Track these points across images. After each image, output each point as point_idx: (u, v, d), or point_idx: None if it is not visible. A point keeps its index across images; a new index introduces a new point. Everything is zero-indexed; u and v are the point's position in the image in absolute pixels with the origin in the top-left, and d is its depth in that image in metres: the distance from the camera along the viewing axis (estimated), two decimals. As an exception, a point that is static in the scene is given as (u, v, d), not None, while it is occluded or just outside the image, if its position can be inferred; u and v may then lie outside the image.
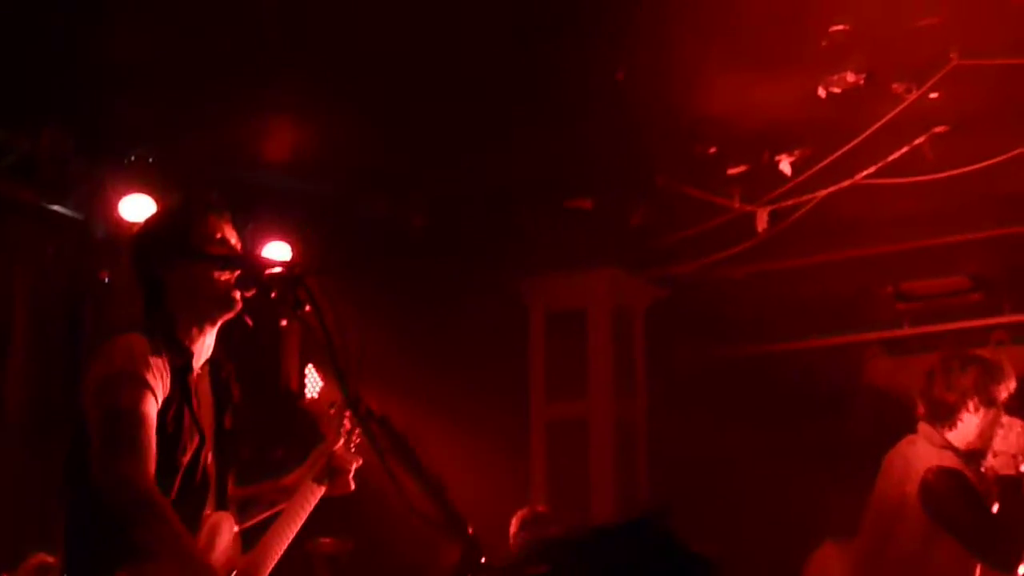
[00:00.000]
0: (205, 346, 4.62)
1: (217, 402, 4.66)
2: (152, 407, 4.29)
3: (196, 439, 4.49)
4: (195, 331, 4.56)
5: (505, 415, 11.06)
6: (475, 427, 10.40)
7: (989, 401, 6.51)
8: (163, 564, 4.17)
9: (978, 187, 9.12)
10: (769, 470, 11.34)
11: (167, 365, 4.40)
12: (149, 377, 4.31)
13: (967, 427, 6.53)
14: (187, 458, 4.45)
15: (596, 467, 10.93)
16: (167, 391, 4.36)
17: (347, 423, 5.14)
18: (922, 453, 6.52)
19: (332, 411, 5.26)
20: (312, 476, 5.12)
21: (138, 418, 4.25)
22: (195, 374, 4.53)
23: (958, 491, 6.41)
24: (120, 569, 4.19)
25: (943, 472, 6.42)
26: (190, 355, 4.53)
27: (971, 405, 6.52)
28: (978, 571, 6.45)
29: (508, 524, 8.58)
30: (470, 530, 3.65)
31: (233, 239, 4.68)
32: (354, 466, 5.18)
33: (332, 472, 5.19)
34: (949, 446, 6.51)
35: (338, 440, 5.26)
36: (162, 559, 4.17)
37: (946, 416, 6.54)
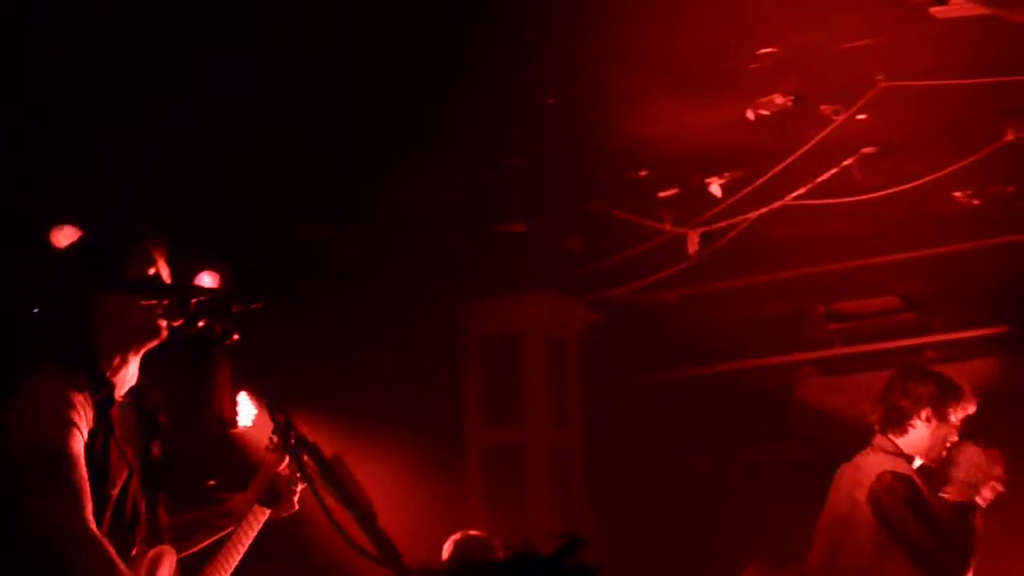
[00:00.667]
0: (128, 375, 4.56)
1: (143, 431, 4.60)
2: (79, 444, 4.22)
3: (124, 471, 4.43)
4: (118, 361, 4.50)
5: (440, 440, 11.03)
6: (410, 452, 10.37)
7: (941, 415, 6.61)
8: None
9: (907, 207, 9.19)
10: (705, 492, 11.37)
11: (89, 399, 4.33)
12: (72, 414, 4.24)
13: (918, 435, 6.63)
14: (116, 491, 4.40)
15: (531, 492, 10.92)
16: (91, 425, 4.29)
17: (292, 444, 5.14)
18: (874, 460, 6.60)
19: (279, 431, 5.25)
20: (257, 499, 5.10)
21: (69, 458, 4.17)
22: (117, 405, 4.47)
23: (907, 495, 6.48)
24: None
25: (893, 476, 6.49)
26: (112, 387, 4.47)
27: (923, 414, 6.62)
28: None
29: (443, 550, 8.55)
30: (403, 558, 3.63)
31: (165, 272, 4.65)
32: (299, 487, 5.17)
33: (277, 494, 5.18)
34: (901, 453, 6.59)
35: (282, 462, 5.25)
36: None
37: (897, 422, 6.63)
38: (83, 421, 4.27)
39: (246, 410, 9.50)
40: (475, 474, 11.16)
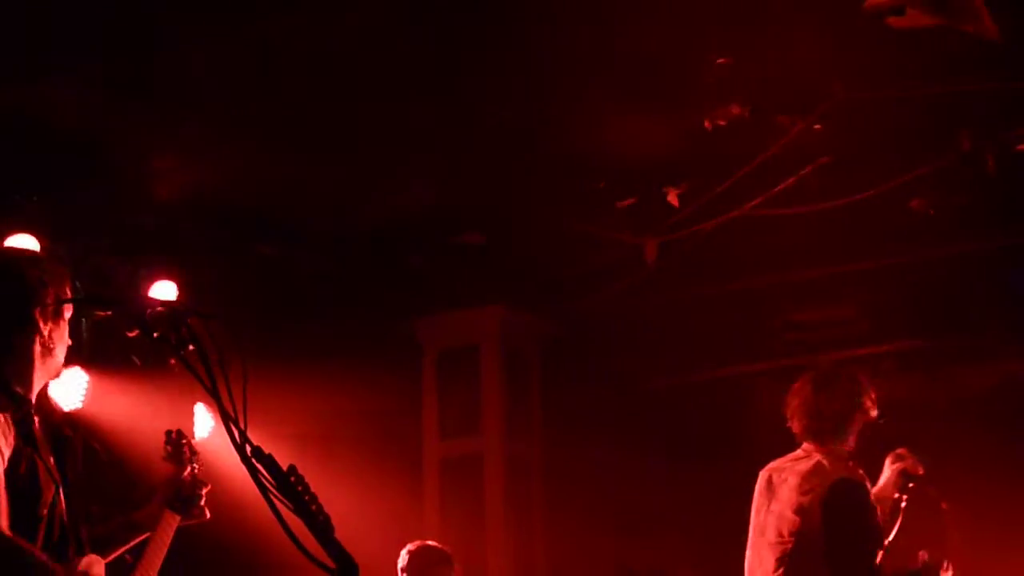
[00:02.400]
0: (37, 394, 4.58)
1: (56, 446, 4.61)
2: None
3: (52, 487, 4.43)
4: (36, 383, 4.52)
5: (398, 452, 11.02)
6: (368, 465, 10.34)
7: (864, 411, 6.68)
8: None
9: (864, 217, 9.22)
10: (665, 504, 11.37)
11: (9, 420, 4.32)
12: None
13: (851, 437, 6.68)
14: (46, 510, 4.39)
15: (490, 504, 10.90)
16: (12, 445, 4.28)
17: (187, 451, 5.20)
18: (820, 466, 6.60)
19: (173, 440, 5.32)
20: (166, 506, 5.12)
21: None
22: (37, 421, 4.48)
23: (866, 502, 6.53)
24: None
25: (851, 481, 6.54)
26: (30, 406, 4.47)
27: (856, 416, 6.68)
28: None
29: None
30: (360, 572, 3.60)
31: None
32: (204, 491, 5.20)
33: (184, 501, 5.21)
34: (851, 457, 6.65)
35: (184, 468, 5.29)
36: None
37: (835, 427, 6.66)
38: (4, 442, 4.26)
39: (202, 422, 9.50)
40: (433, 486, 11.13)
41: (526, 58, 7.53)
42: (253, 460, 3.68)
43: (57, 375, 4.67)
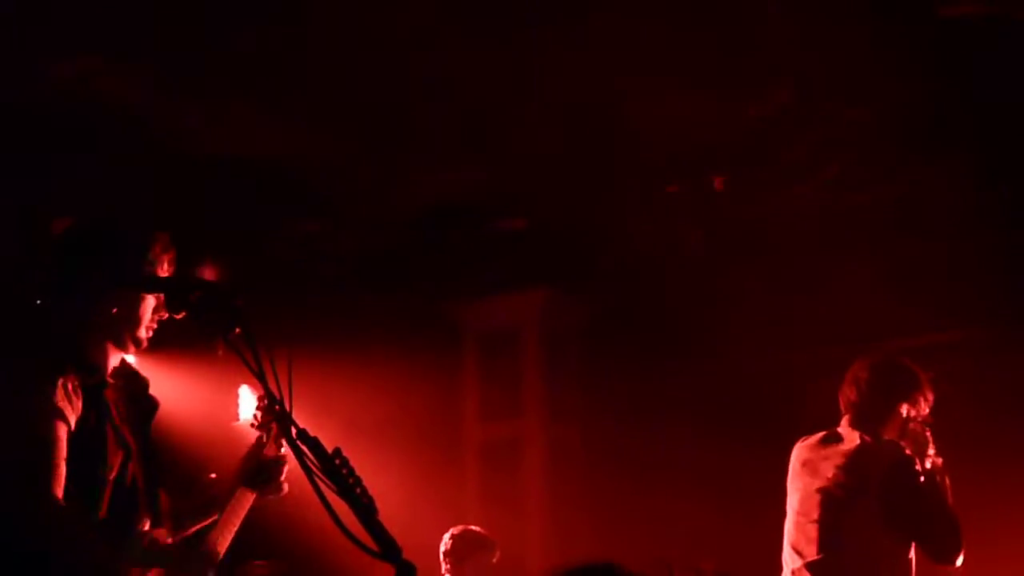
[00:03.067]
0: (113, 360, 4.60)
1: (138, 414, 4.62)
2: (62, 429, 4.23)
3: (120, 454, 4.45)
4: (111, 352, 4.53)
5: (439, 436, 11.04)
6: (410, 448, 10.37)
7: (914, 404, 6.68)
8: None
9: (910, 204, 9.19)
10: (706, 490, 11.35)
11: (78, 387, 4.34)
12: (58, 401, 4.25)
13: (894, 425, 6.67)
14: (113, 474, 4.41)
15: (529, 487, 10.92)
16: (80, 411, 4.30)
17: (275, 427, 5.13)
18: (877, 447, 6.60)
19: (264, 407, 5.25)
20: (244, 482, 5.09)
21: (48, 443, 4.19)
22: (111, 388, 4.49)
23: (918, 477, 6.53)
24: None
25: (907, 460, 6.54)
26: (103, 373, 4.49)
27: (903, 408, 6.68)
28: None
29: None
30: (403, 554, 3.62)
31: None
32: (285, 469, 5.16)
33: (263, 477, 5.16)
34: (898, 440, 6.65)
35: (267, 444, 5.24)
36: None
37: (877, 413, 6.67)
38: (69, 407, 4.28)
39: (247, 404, 9.53)
40: (474, 469, 11.16)
41: (573, 44, 7.52)
42: (298, 442, 3.71)
43: (137, 348, 4.66)
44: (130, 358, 4.67)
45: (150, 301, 4.56)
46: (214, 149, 8.73)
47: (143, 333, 4.58)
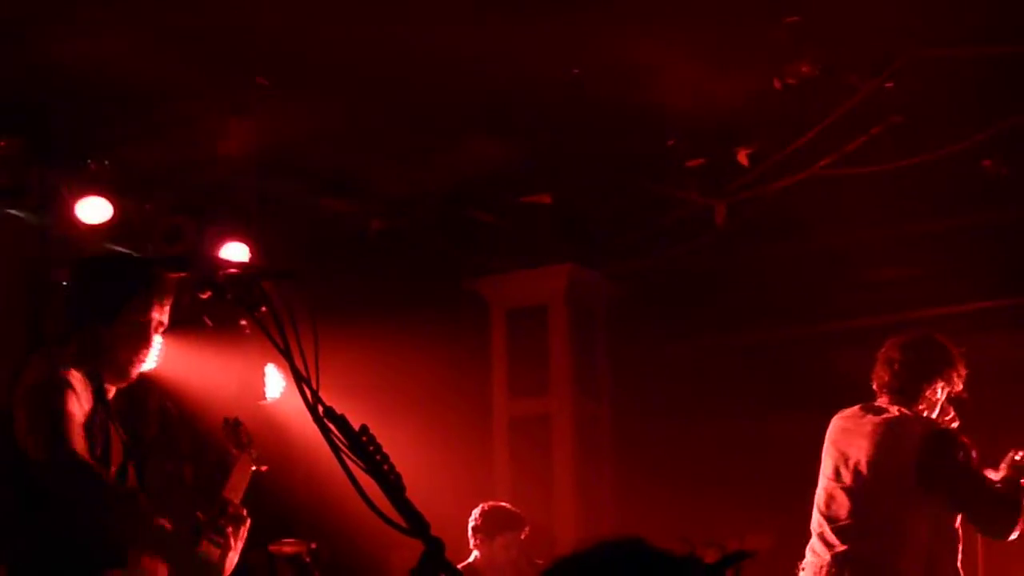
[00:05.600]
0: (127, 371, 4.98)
1: (141, 418, 4.89)
2: (76, 408, 4.58)
3: (120, 460, 4.64)
4: (122, 359, 4.92)
5: (468, 412, 11.04)
6: (438, 425, 10.38)
7: (948, 381, 6.67)
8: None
9: (936, 176, 9.15)
10: (734, 463, 11.35)
11: (88, 384, 4.67)
12: (75, 384, 4.63)
13: (928, 403, 6.66)
14: (113, 470, 4.60)
15: (558, 463, 10.92)
16: (89, 404, 4.53)
17: (244, 436, 5.32)
18: (914, 417, 6.60)
19: (230, 426, 5.39)
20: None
21: (70, 417, 4.53)
22: (115, 392, 4.77)
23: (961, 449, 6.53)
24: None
25: (945, 432, 6.55)
26: (104, 378, 4.84)
27: (939, 386, 6.67)
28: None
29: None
30: (432, 530, 3.63)
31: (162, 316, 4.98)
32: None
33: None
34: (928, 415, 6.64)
35: (243, 451, 5.36)
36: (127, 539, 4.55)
37: (913, 392, 6.66)
38: (82, 397, 4.65)
39: (273, 383, 9.57)
40: (503, 445, 11.16)
41: (599, 16, 7.50)
42: (325, 420, 3.71)
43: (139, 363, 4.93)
44: (156, 346, 4.91)
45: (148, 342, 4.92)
46: (238, 127, 8.76)
47: (136, 365, 4.94)
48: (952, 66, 7.89)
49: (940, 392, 6.70)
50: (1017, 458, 6.62)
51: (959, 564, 6.58)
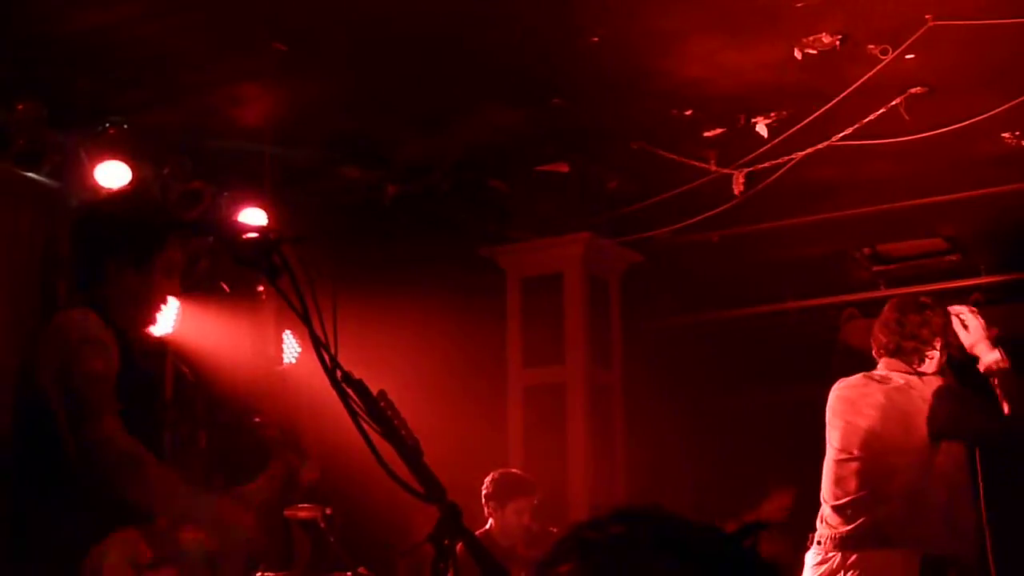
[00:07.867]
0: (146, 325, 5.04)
1: (152, 380, 4.92)
2: (107, 366, 4.61)
3: (146, 416, 4.69)
4: (141, 314, 4.93)
5: (482, 380, 11.05)
6: (453, 392, 10.39)
7: (947, 345, 6.71)
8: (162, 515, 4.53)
9: (954, 148, 9.14)
10: (745, 433, 11.38)
11: (114, 339, 4.69)
12: (106, 341, 4.64)
13: (931, 365, 6.69)
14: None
15: (572, 432, 10.92)
16: (117, 361, 4.56)
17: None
18: (916, 382, 6.61)
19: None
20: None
21: (108, 381, 4.55)
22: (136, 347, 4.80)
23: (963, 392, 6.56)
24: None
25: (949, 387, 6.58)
26: (129, 334, 4.85)
27: (938, 344, 6.71)
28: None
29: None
30: (448, 496, 3.64)
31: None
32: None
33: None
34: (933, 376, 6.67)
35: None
36: (159, 510, 4.54)
37: (913, 350, 6.69)
38: (111, 353, 4.66)
39: (290, 348, 9.60)
40: (517, 413, 11.15)
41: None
42: (344, 385, 3.72)
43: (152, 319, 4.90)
44: (173, 308, 5.00)
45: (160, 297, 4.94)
46: (255, 93, 8.75)
47: (146, 314, 4.96)
48: (972, 36, 7.85)
49: (939, 349, 6.73)
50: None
51: (984, 521, 6.62)
